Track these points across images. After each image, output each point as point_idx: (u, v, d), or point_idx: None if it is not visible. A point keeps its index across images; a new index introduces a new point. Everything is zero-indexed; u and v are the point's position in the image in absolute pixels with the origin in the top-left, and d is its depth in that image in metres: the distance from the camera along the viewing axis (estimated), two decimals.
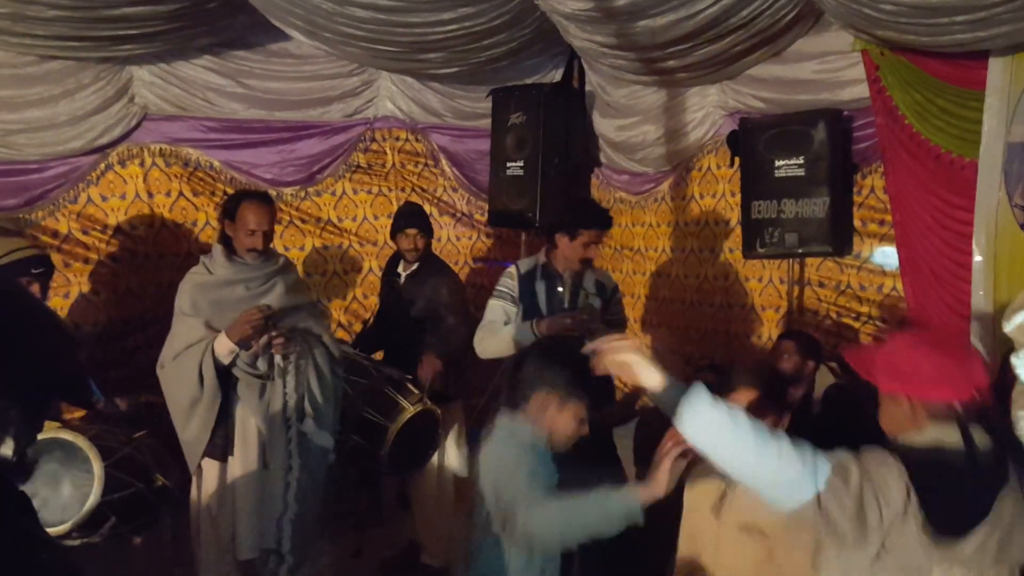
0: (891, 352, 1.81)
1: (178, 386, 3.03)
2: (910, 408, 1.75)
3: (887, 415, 1.82)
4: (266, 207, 3.16)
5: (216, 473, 3.12)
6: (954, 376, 1.73)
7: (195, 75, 4.63)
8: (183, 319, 3.08)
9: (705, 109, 4.71)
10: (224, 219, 3.15)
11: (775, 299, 4.54)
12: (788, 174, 4.08)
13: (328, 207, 5.23)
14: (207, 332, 3.01)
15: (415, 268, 4.07)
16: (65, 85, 4.28)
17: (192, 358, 2.98)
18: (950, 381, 1.73)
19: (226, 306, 3.04)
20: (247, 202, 3.12)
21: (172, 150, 4.72)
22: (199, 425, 3.03)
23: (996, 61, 3.29)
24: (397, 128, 5.37)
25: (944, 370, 1.73)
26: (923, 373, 1.73)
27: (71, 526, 2.53)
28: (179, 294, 3.14)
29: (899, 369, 1.76)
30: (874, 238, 4.11)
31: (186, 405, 3.03)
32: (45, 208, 4.39)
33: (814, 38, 3.97)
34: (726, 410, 1.74)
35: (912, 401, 1.75)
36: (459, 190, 5.57)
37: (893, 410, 1.80)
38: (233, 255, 3.12)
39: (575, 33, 4.24)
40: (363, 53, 4.53)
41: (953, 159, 3.54)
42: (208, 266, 3.14)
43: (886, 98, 3.74)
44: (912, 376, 1.74)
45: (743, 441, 1.70)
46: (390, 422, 3.50)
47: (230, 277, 3.09)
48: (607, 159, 5.40)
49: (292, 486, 3.07)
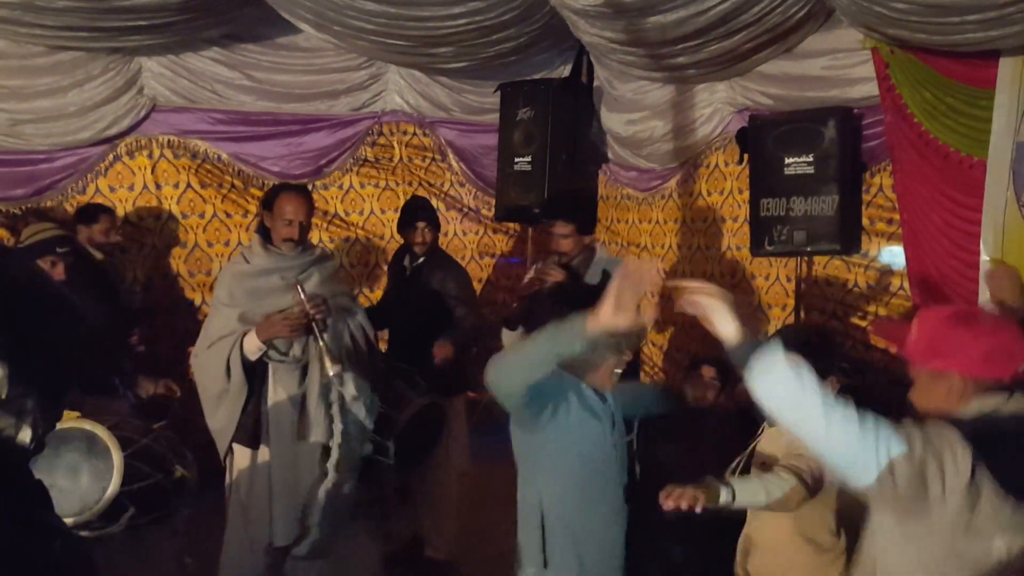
0: (932, 330, 1.81)
1: (208, 376, 3.08)
2: (962, 385, 1.75)
3: (929, 393, 1.81)
4: (303, 198, 3.20)
5: (248, 460, 3.14)
6: (1005, 352, 1.76)
7: (204, 67, 4.65)
8: (220, 309, 3.13)
9: (713, 105, 4.70)
10: (263, 210, 3.20)
11: (782, 297, 4.53)
12: (797, 172, 4.06)
13: (335, 200, 5.24)
14: (239, 325, 3.04)
15: (422, 261, 4.07)
16: (74, 76, 4.30)
17: (221, 351, 3.02)
18: (1002, 357, 1.75)
19: (261, 295, 3.08)
20: (285, 193, 3.17)
21: (180, 142, 4.73)
22: (226, 415, 3.08)
23: (1006, 60, 3.28)
24: (405, 122, 5.38)
25: (995, 347, 1.75)
26: (974, 351, 1.74)
27: (90, 516, 2.54)
28: (217, 284, 3.22)
29: (947, 348, 1.77)
30: (882, 237, 4.09)
31: (215, 395, 3.08)
32: (54, 198, 4.42)
33: (823, 35, 3.95)
34: (797, 371, 1.66)
35: (965, 378, 1.75)
36: (466, 185, 5.57)
37: (937, 388, 1.79)
38: (270, 245, 3.15)
39: (584, 29, 4.24)
40: (372, 47, 4.54)
41: (962, 158, 3.52)
42: (246, 256, 3.18)
43: (895, 96, 3.72)
44: (963, 354, 1.75)
45: (811, 406, 1.65)
46: (399, 413, 3.50)
47: (266, 266, 3.12)
48: (615, 155, 5.39)
49: (333, 454, 3.10)
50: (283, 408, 3.11)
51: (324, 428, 3.09)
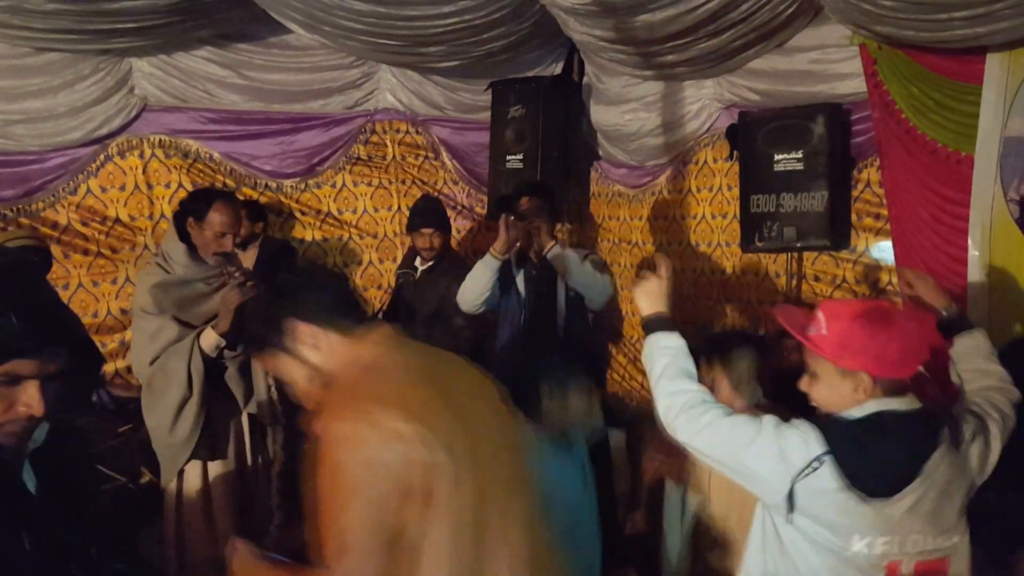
0: (844, 327, 1.79)
1: (164, 388, 2.89)
2: (870, 385, 1.77)
3: (833, 390, 1.83)
4: (236, 208, 3.02)
5: (199, 472, 3.01)
6: (918, 352, 1.77)
7: (195, 66, 4.64)
8: (148, 319, 2.91)
9: (701, 101, 4.71)
10: (187, 217, 2.93)
11: (772, 293, 4.56)
12: (787, 168, 4.09)
13: (328, 199, 5.24)
14: (183, 329, 2.88)
15: (431, 265, 4.01)
16: (64, 76, 4.28)
17: (178, 358, 2.86)
18: (915, 357, 1.77)
19: (188, 304, 2.90)
20: (218, 203, 2.92)
21: (172, 141, 4.72)
22: (190, 425, 2.90)
23: (994, 56, 3.30)
24: (397, 120, 5.38)
25: (907, 347, 1.76)
26: (889, 353, 1.75)
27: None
28: (136, 295, 3.00)
29: (859, 347, 1.76)
30: (870, 232, 4.12)
31: (174, 407, 2.89)
32: (44, 199, 4.41)
33: (811, 31, 3.97)
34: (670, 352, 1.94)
35: (874, 378, 1.77)
36: (459, 183, 5.58)
37: (843, 386, 1.80)
38: (195, 254, 2.94)
39: (574, 27, 4.25)
40: (363, 46, 4.54)
41: (949, 153, 3.54)
42: (164, 265, 2.95)
43: (883, 92, 3.74)
44: (876, 355, 1.75)
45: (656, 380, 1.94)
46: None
47: (191, 277, 2.92)
48: (604, 152, 5.41)
49: (280, 434, 3.02)
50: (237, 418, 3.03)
51: (268, 411, 3.01)
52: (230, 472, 3.03)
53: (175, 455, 2.95)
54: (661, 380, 1.92)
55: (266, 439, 3.12)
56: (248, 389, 3.03)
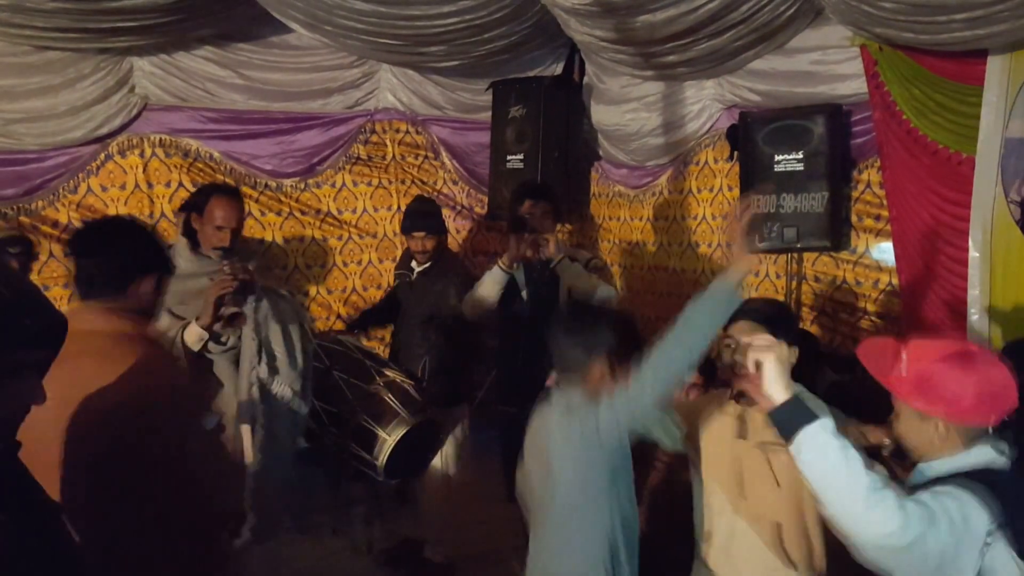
0: (923, 369, 1.72)
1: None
2: (945, 431, 1.70)
3: (913, 430, 1.76)
4: (236, 203, 3.03)
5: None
6: (995, 400, 1.68)
7: (195, 66, 4.64)
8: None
9: (702, 102, 4.72)
10: (191, 211, 2.98)
11: (771, 294, 4.56)
12: (787, 169, 4.09)
13: (328, 199, 5.24)
14: (173, 321, 2.87)
15: (427, 266, 3.97)
16: (65, 75, 4.28)
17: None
18: (991, 406, 1.68)
19: (189, 298, 2.90)
20: (217, 197, 2.97)
21: (172, 141, 4.73)
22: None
23: (994, 58, 3.30)
24: (397, 120, 5.38)
25: (985, 393, 1.68)
26: (964, 398, 1.67)
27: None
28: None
29: (936, 390, 1.70)
30: (870, 233, 4.12)
31: None
32: (45, 198, 4.41)
33: (811, 32, 3.97)
34: (844, 451, 1.62)
35: (948, 424, 1.70)
36: (459, 183, 5.58)
37: (921, 427, 1.74)
38: (197, 249, 2.98)
39: (575, 27, 4.25)
40: (364, 46, 4.54)
41: (950, 155, 3.55)
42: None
43: (884, 93, 3.74)
44: (952, 400, 1.68)
45: (855, 488, 1.59)
46: (387, 433, 3.44)
47: (193, 270, 2.94)
48: (604, 152, 5.41)
49: (257, 432, 2.95)
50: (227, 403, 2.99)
51: (248, 410, 2.96)
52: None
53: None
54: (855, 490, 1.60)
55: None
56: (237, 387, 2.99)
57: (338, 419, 3.48)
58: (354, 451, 3.51)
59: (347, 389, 3.52)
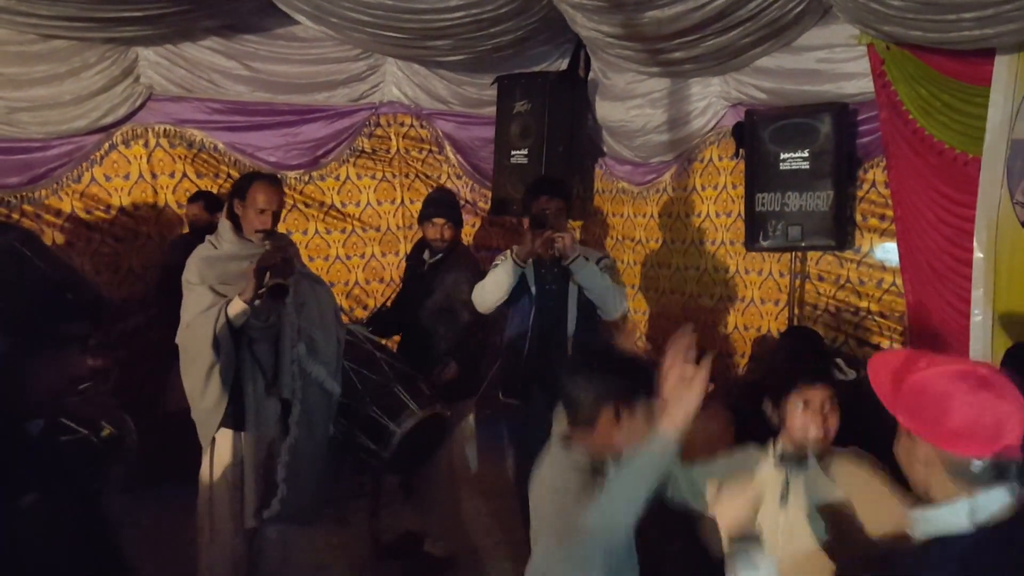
0: (921, 378, 1.54)
1: (194, 354, 3.04)
2: (926, 455, 1.51)
3: (903, 451, 1.59)
4: (276, 188, 3.23)
5: (230, 443, 3.14)
6: (987, 431, 1.45)
7: (201, 56, 4.63)
8: (191, 289, 3.12)
9: (707, 99, 4.70)
10: (234, 198, 3.21)
11: (775, 292, 4.56)
12: (793, 167, 4.09)
13: (332, 192, 5.24)
14: (216, 298, 3.04)
15: (439, 257, 3.96)
16: (70, 64, 4.28)
17: (206, 324, 3.00)
18: (982, 436, 1.45)
19: (231, 279, 3.07)
20: (258, 182, 3.19)
21: (176, 131, 4.73)
22: (217, 391, 3.04)
23: (1002, 58, 3.29)
24: (402, 114, 5.38)
25: (977, 422, 1.45)
26: (951, 420, 1.46)
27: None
28: (186, 269, 3.19)
29: (921, 404, 1.51)
30: (874, 233, 4.11)
31: (204, 372, 3.04)
32: (48, 187, 4.41)
33: (818, 30, 3.96)
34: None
35: (931, 449, 1.50)
36: (463, 177, 5.57)
37: (909, 449, 1.56)
38: (240, 232, 3.17)
39: (582, 23, 4.24)
40: (369, 39, 4.53)
41: (956, 155, 3.53)
42: (214, 242, 3.19)
43: (890, 92, 3.73)
44: (935, 420, 1.48)
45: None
46: (396, 426, 3.46)
47: (236, 252, 3.13)
48: (609, 148, 5.40)
49: (294, 409, 3.15)
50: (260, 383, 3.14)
51: (290, 385, 3.15)
52: (257, 444, 3.15)
53: (206, 419, 3.12)
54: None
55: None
56: (277, 364, 3.15)
57: (347, 409, 3.49)
58: (361, 442, 3.52)
59: (357, 380, 3.52)
